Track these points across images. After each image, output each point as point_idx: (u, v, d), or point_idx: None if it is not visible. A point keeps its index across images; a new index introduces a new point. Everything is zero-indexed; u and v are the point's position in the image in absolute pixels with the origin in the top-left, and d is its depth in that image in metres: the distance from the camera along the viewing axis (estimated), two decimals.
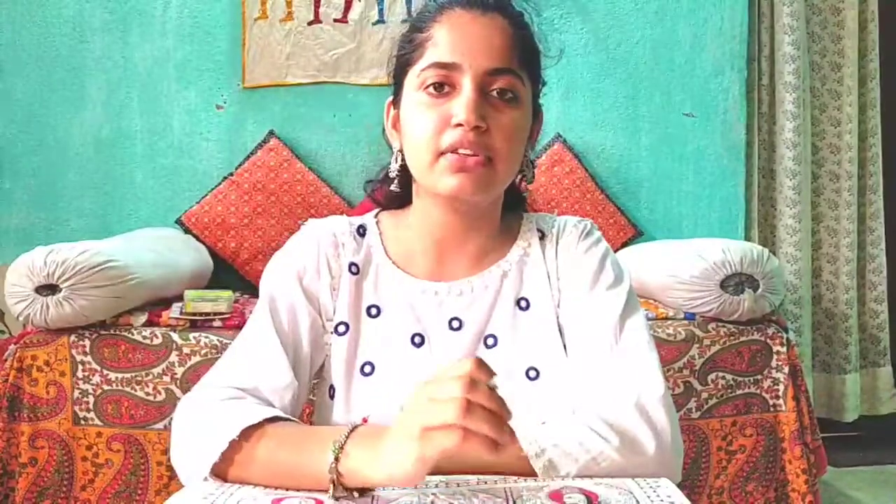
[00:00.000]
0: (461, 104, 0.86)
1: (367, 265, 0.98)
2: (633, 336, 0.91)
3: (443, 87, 0.88)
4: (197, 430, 0.82)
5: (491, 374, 0.66)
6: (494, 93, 0.88)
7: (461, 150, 0.87)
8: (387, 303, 0.96)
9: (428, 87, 0.89)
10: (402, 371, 0.92)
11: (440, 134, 0.87)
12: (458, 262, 0.97)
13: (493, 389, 0.65)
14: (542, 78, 0.98)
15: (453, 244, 0.97)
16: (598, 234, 1.01)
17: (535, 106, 0.97)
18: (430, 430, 0.64)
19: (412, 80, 0.91)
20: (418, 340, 0.94)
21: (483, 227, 0.97)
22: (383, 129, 1.00)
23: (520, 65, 0.90)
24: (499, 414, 0.63)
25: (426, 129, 0.88)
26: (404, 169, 0.95)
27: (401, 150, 0.95)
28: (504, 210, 1.00)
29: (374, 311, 0.96)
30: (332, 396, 0.94)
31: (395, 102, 0.97)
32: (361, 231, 1.00)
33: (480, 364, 0.66)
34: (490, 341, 0.94)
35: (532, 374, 0.92)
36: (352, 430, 0.74)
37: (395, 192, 0.98)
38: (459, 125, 0.86)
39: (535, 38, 0.96)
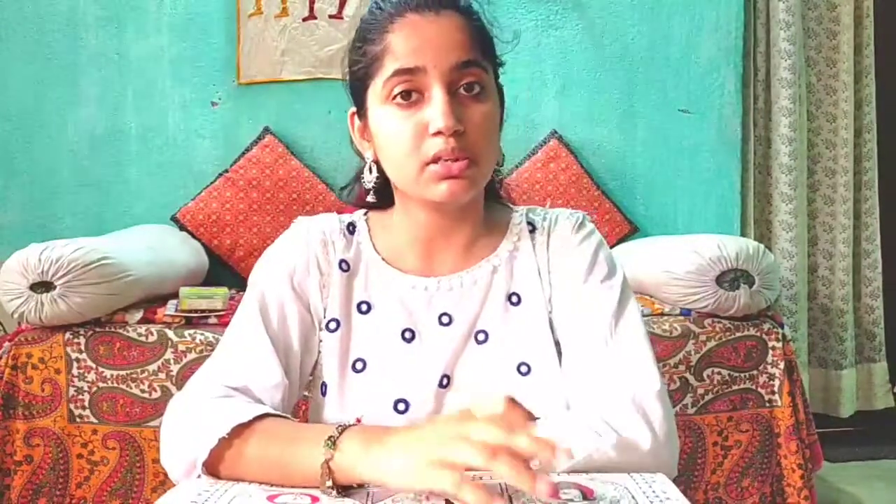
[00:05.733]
0: (436, 111, 0.85)
1: (357, 262, 0.97)
2: (628, 330, 0.91)
3: (410, 95, 0.87)
4: (187, 429, 0.82)
5: (531, 416, 0.66)
6: (462, 89, 0.87)
7: (445, 158, 0.86)
8: (377, 299, 0.96)
9: (395, 97, 0.87)
10: (394, 366, 0.92)
11: (420, 144, 0.86)
12: (446, 257, 0.97)
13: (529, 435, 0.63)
14: (498, 59, 0.96)
15: (440, 240, 0.96)
16: (590, 226, 0.99)
17: (498, 88, 0.96)
18: (443, 466, 0.63)
19: (377, 92, 0.89)
20: (409, 336, 0.94)
21: (467, 219, 0.97)
22: (350, 141, 0.99)
23: (481, 55, 0.89)
24: (526, 466, 0.62)
25: (405, 142, 0.87)
26: (379, 177, 0.95)
27: (375, 161, 0.94)
28: (488, 200, 1.00)
29: (364, 307, 0.96)
30: (324, 394, 0.93)
31: (359, 114, 0.95)
32: (351, 228, 1.00)
33: (516, 405, 0.66)
34: (481, 337, 0.94)
35: (523, 369, 0.92)
36: (345, 428, 0.74)
37: (377, 198, 0.97)
38: (439, 133, 0.85)
39: (488, 21, 0.94)
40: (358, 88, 0.93)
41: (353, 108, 0.96)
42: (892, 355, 2.90)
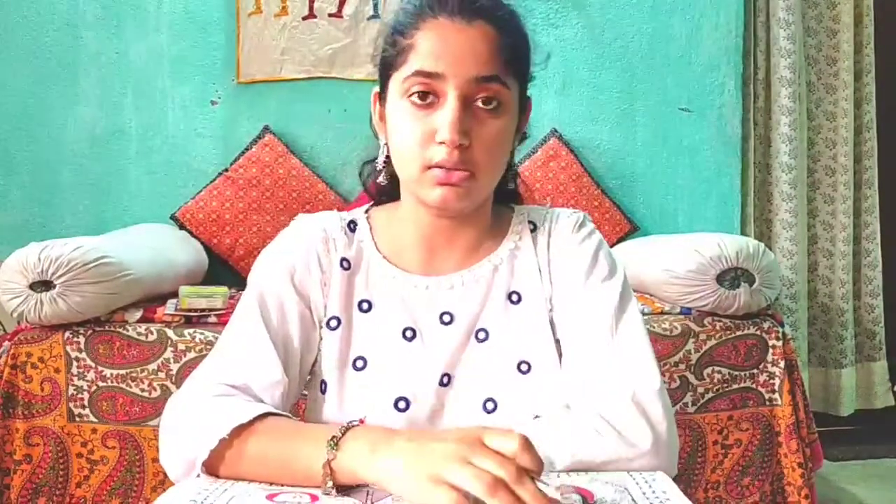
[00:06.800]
0: (445, 121, 0.85)
1: (358, 260, 0.97)
2: (628, 329, 0.91)
3: (427, 96, 0.87)
4: (186, 428, 0.82)
5: (539, 464, 0.63)
6: (480, 102, 0.87)
7: (446, 167, 0.86)
8: (378, 297, 0.96)
9: (412, 94, 0.88)
10: (395, 365, 0.92)
11: (425, 148, 0.87)
12: (449, 257, 0.97)
13: (534, 483, 0.61)
14: (530, 73, 0.97)
15: (443, 240, 0.97)
16: (591, 225, 1.00)
17: (522, 100, 0.96)
18: (445, 484, 0.62)
19: (396, 85, 0.90)
20: (410, 334, 0.94)
21: (473, 223, 0.97)
22: (370, 119, 1.00)
23: (505, 70, 0.89)
24: None
25: (412, 143, 0.88)
26: (389, 160, 0.95)
27: (387, 144, 0.95)
28: (495, 202, 1.00)
29: (365, 305, 0.95)
30: (323, 391, 0.93)
31: (381, 97, 0.96)
32: (352, 226, 1.00)
33: (530, 450, 0.63)
34: (481, 335, 0.94)
35: (524, 367, 0.92)
36: (348, 429, 0.74)
37: (383, 185, 0.98)
38: (443, 143, 0.86)
39: (525, 35, 0.94)
40: (382, 74, 0.94)
41: (377, 89, 0.97)
42: (892, 354, 2.90)
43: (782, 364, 1.96)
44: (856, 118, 2.84)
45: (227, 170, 2.55)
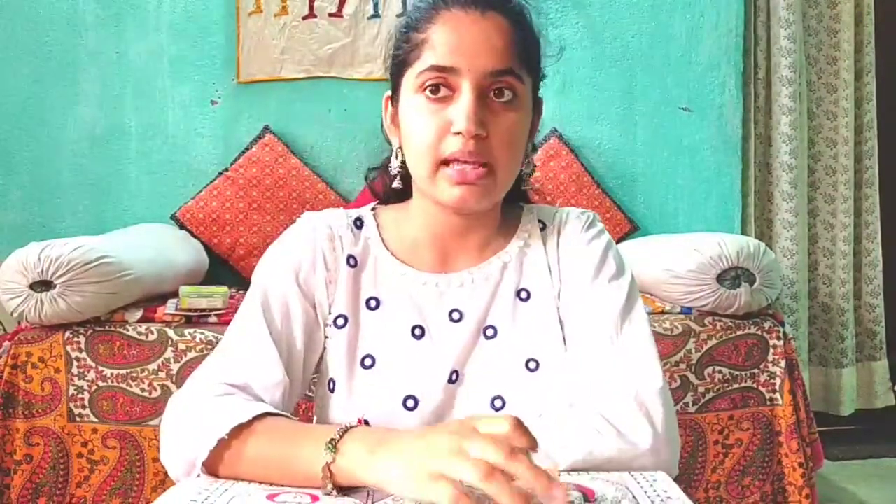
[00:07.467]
0: (460, 112, 0.85)
1: (365, 257, 0.97)
2: (633, 329, 0.91)
3: (440, 90, 0.87)
4: (186, 427, 0.81)
5: (533, 443, 0.63)
6: (494, 94, 0.87)
7: (462, 159, 0.86)
8: (386, 295, 0.95)
9: (426, 89, 0.87)
10: (403, 363, 0.92)
11: (440, 142, 0.87)
12: (460, 255, 0.97)
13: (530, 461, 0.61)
14: (542, 71, 0.96)
15: (455, 240, 0.97)
16: (600, 225, 1.00)
17: (535, 98, 0.96)
18: (443, 478, 0.62)
19: (410, 81, 0.89)
20: (419, 332, 0.93)
21: (484, 223, 0.97)
22: (381, 124, 0.99)
23: (519, 63, 0.88)
24: (526, 493, 0.60)
25: (426, 137, 0.87)
26: (404, 164, 0.95)
27: (400, 147, 0.94)
28: (505, 201, 1.00)
29: (373, 303, 0.95)
30: (332, 390, 0.93)
31: (394, 99, 0.95)
32: (358, 223, 0.99)
33: (521, 429, 0.63)
34: (489, 332, 0.94)
35: (532, 365, 0.92)
36: (346, 430, 0.73)
37: (395, 189, 0.97)
38: (459, 133, 0.85)
39: (536, 32, 0.94)
40: (395, 73, 0.93)
41: (389, 93, 0.96)
42: (892, 353, 2.90)
43: (783, 364, 1.96)
44: (856, 117, 2.84)
45: (227, 170, 2.55)
